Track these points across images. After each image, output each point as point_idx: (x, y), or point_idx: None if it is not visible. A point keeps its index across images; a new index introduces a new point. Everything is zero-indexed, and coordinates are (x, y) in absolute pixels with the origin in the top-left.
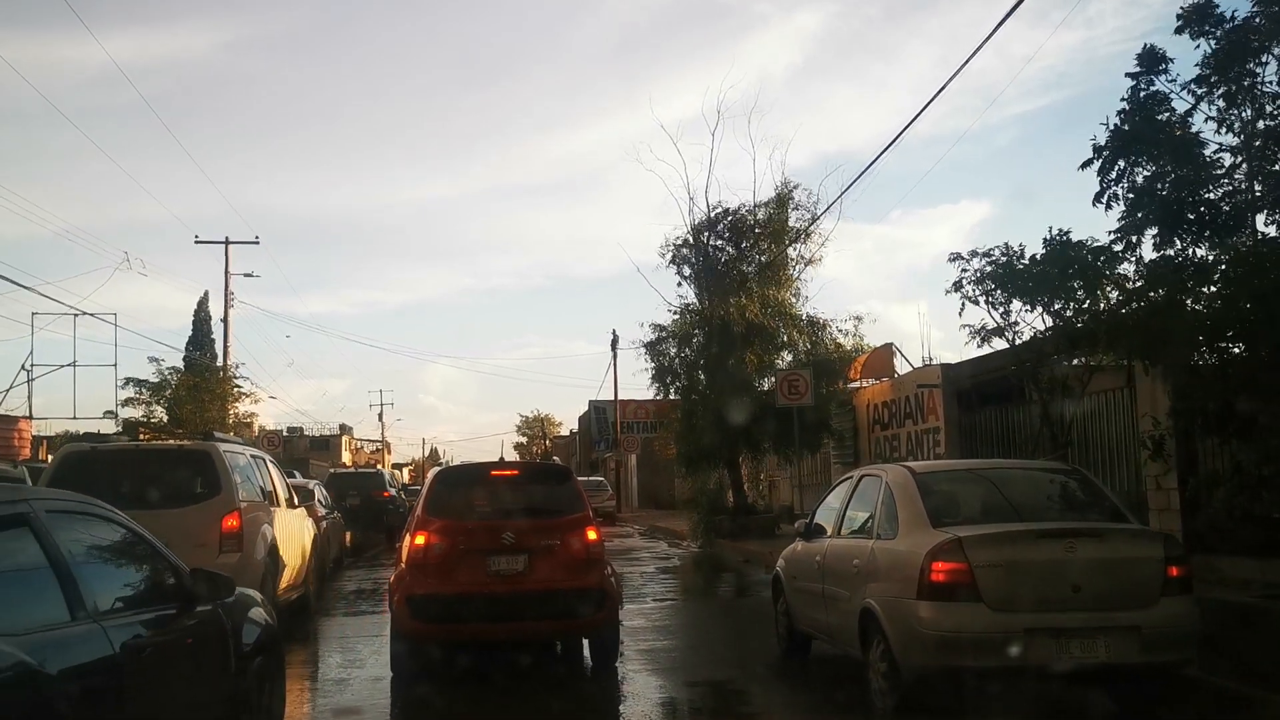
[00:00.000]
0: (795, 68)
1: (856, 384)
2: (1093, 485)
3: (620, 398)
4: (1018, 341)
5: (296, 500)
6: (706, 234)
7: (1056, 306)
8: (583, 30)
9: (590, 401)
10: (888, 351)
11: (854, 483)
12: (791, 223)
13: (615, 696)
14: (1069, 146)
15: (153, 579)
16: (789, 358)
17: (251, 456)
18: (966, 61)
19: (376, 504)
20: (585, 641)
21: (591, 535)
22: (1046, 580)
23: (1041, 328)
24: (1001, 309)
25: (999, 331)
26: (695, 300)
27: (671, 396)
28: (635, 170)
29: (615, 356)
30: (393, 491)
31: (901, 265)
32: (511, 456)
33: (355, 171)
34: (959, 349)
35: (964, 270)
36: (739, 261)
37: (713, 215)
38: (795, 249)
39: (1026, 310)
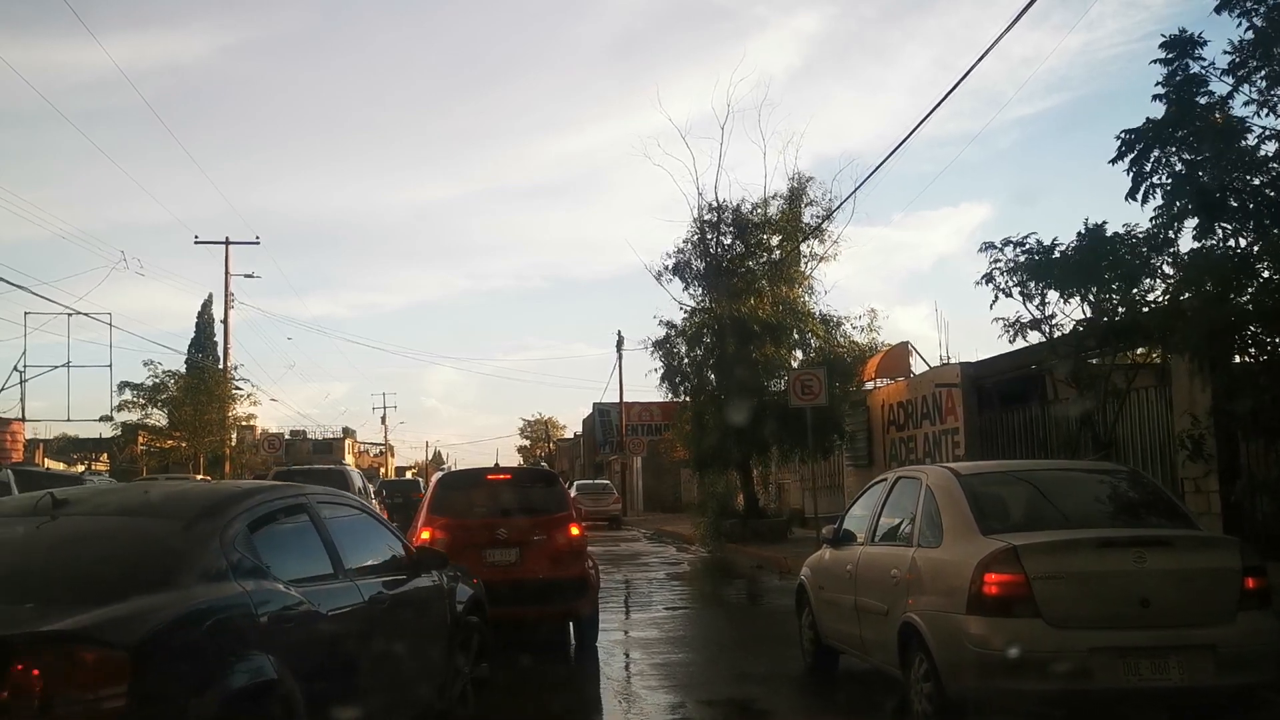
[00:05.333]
0: (795, 70)
1: (870, 384)
2: (1153, 488)
3: (625, 400)
4: (1055, 335)
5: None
6: (713, 233)
7: (1095, 298)
8: (581, 33)
9: (594, 404)
10: (903, 350)
11: (888, 486)
12: (805, 219)
13: (630, 716)
14: (1070, 149)
15: (389, 551)
16: (801, 356)
17: (358, 473)
18: (973, 66)
19: (414, 502)
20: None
21: (574, 531)
22: (1112, 593)
23: (1081, 320)
24: (1037, 300)
25: (1035, 324)
26: (704, 299)
27: (681, 397)
28: (636, 172)
29: (620, 358)
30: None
31: (900, 268)
32: (513, 460)
33: (355, 173)
34: (966, 349)
35: (996, 261)
36: (747, 258)
37: (721, 211)
38: (808, 245)
39: (1063, 302)
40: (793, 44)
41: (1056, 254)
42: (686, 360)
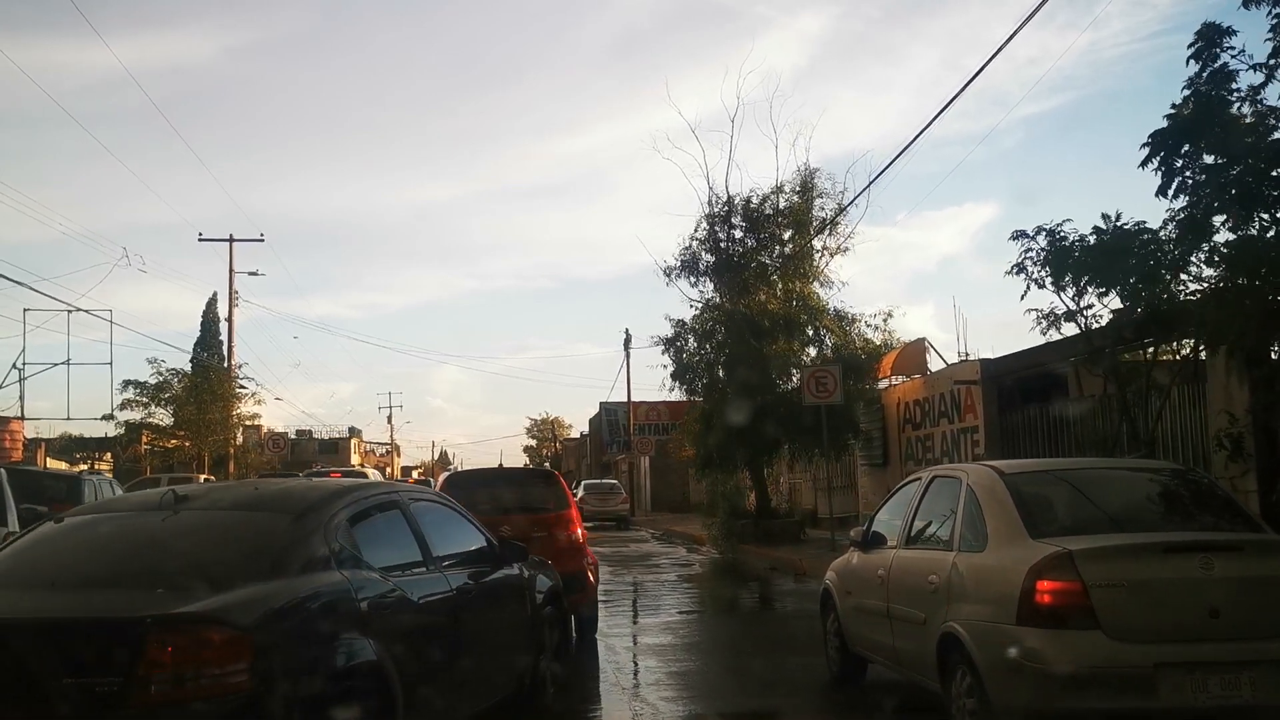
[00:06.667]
0: (800, 70)
1: (885, 382)
2: (1211, 487)
3: (633, 399)
4: (1092, 327)
5: None
6: (723, 226)
7: (1129, 290)
8: (582, 33)
9: (601, 403)
10: (920, 347)
11: (923, 485)
12: (815, 211)
13: None
14: (1073, 148)
15: (474, 544)
16: (814, 353)
17: (376, 474)
18: (984, 66)
19: None
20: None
21: (574, 529)
22: (1178, 603)
23: (1118, 310)
24: (1072, 291)
25: (1069, 316)
26: (714, 295)
27: (691, 396)
28: (638, 172)
29: (628, 356)
30: None
31: (906, 268)
32: (519, 459)
33: (356, 173)
34: (972, 348)
35: (1028, 251)
36: (758, 251)
37: (731, 203)
38: (820, 239)
39: (1101, 293)
40: (796, 44)
41: (1092, 240)
42: (697, 357)
